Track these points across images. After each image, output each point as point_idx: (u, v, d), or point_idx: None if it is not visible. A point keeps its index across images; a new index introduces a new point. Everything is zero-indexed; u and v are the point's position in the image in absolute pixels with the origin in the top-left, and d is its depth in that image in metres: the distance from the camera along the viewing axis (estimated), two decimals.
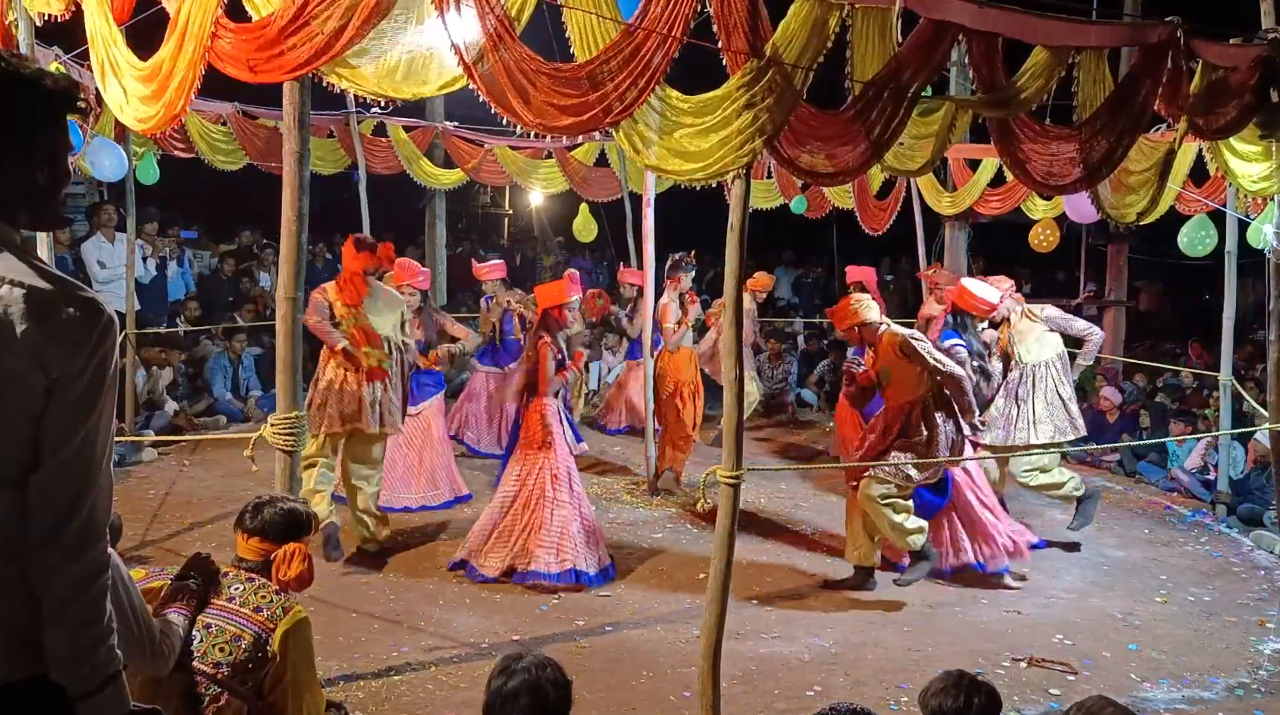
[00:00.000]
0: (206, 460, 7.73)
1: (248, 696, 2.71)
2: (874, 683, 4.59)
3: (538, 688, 2.28)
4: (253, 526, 2.92)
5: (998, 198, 8.60)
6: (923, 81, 4.06)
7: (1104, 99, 4.46)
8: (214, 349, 9.52)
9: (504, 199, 17.27)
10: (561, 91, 3.90)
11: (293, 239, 4.05)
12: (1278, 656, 5.02)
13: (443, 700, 4.21)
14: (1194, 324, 11.77)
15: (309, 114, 4.07)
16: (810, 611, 5.42)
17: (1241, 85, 4.68)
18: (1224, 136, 4.78)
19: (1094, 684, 4.61)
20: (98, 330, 1.70)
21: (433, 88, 4.12)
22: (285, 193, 4.02)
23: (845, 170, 4.27)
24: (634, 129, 4.01)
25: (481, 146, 10.16)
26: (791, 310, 14.28)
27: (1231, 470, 7.45)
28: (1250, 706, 4.50)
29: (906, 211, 9.26)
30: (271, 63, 3.89)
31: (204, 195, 11.59)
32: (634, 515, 6.95)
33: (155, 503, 6.75)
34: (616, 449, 8.63)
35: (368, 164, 9.58)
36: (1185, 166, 6.13)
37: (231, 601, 2.78)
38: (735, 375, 3.97)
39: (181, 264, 10.20)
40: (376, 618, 5.06)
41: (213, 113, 8.50)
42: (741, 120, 3.81)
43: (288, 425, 4.02)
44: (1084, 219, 7.77)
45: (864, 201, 9.26)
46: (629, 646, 4.88)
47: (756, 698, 4.40)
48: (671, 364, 7.36)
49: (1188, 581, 6.07)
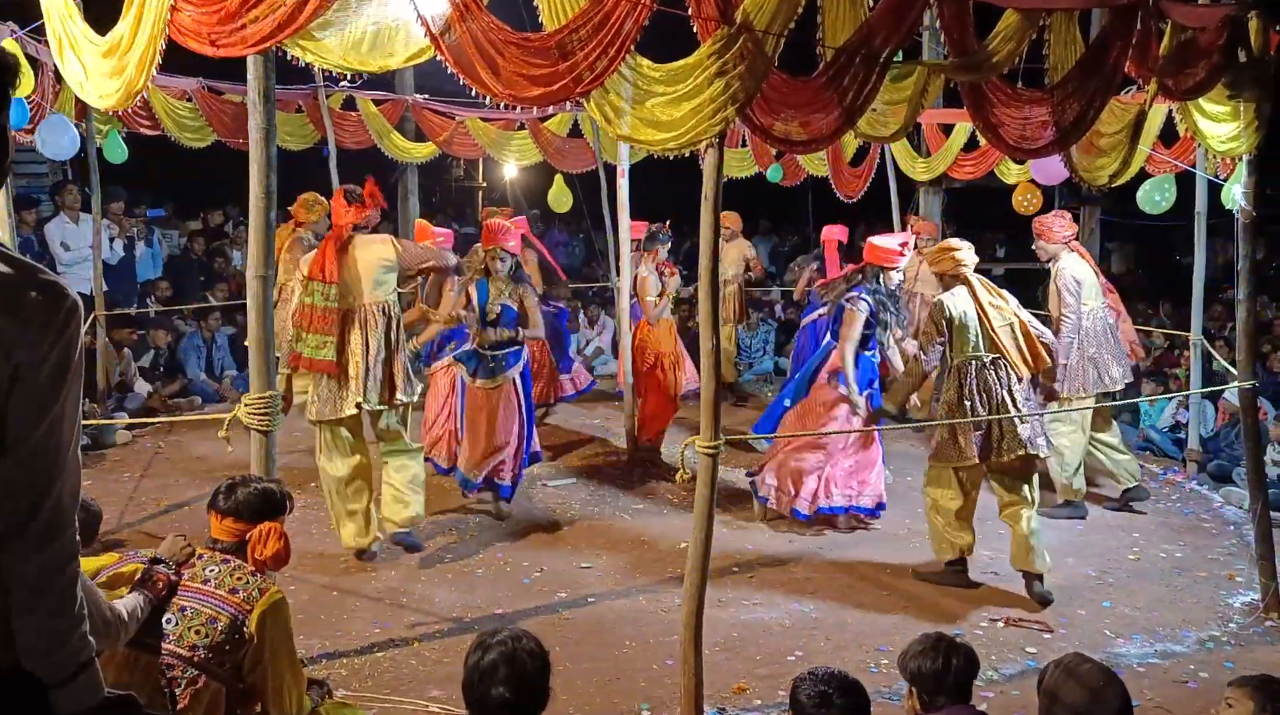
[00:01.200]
0: (182, 441, 7.67)
1: (226, 678, 2.70)
2: (854, 646, 4.65)
3: (514, 659, 2.29)
4: (226, 507, 2.90)
5: (971, 162, 8.60)
6: (895, 47, 4.03)
7: (1075, 61, 4.45)
8: (187, 329, 9.42)
9: (478, 172, 17.10)
10: (531, 62, 3.85)
11: (261, 216, 3.99)
12: (1247, 609, 5.13)
13: (426, 675, 4.23)
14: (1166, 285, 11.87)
15: (274, 89, 3.99)
16: (791, 577, 5.47)
17: (1210, 45, 4.69)
18: (1193, 97, 4.79)
19: (1069, 642, 4.69)
20: (62, 314, 1.67)
21: (399, 60, 4.05)
22: (252, 169, 3.96)
23: (819, 138, 4.25)
24: (605, 99, 3.97)
25: (453, 119, 10.04)
26: (769, 279, 14.28)
27: (1202, 428, 7.56)
28: (1220, 658, 4.60)
29: (881, 178, 9.26)
30: (233, 36, 3.81)
31: (172, 173, 11.42)
32: (615, 487, 6.95)
33: (130, 486, 6.70)
34: (597, 421, 8.63)
35: (337, 139, 9.45)
36: (1155, 128, 6.14)
37: (207, 584, 2.77)
38: (712, 345, 3.97)
39: (151, 244, 10.05)
40: (358, 595, 5.07)
41: (178, 89, 8.34)
42: (713, 88, 3.78)
43: (262, 405, 3.98)
44: (1051, 181, 7.78)
45: (838, 168, 9.24)
46: (612, 617, 4.91)
47: (739, 664, 4.45)
48: (651, 336, 7.35)
49: (1159, 539, 6.17)
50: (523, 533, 6.02)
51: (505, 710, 2.26)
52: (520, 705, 2.27)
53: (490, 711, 2.27)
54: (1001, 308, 5.11)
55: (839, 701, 2.52)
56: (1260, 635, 4.86)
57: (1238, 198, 5.11)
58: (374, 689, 4.13)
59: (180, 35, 3.90)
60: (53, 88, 6.41)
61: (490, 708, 2.27)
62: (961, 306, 5.11)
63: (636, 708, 4.06)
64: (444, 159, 11.80)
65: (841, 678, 2.58)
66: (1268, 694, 2.61)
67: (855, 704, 2.54)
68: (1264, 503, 5.22)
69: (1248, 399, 5.29)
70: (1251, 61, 4.86)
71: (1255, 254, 5.41)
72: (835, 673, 2.60)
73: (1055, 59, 4.46)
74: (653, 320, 7.29)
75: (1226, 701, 2.69)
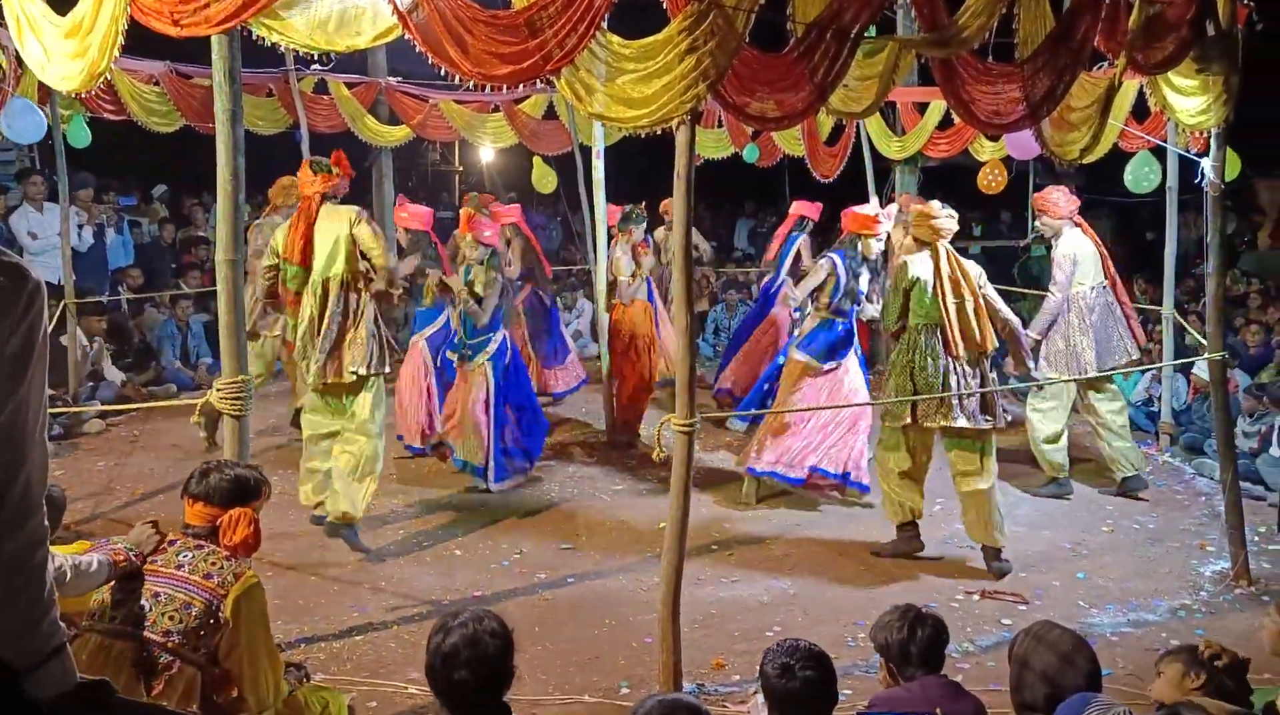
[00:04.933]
0: (157, 430, 7.60)
1: (201, 663, 2.69)
2: (831, 620, 4.69)
3: (476, 641, 2.29)
4: (198, 492, 2.88)
5: (946, 140, 8.63)
6: (865, 22, 4.02)
7: (1045, 36, 4.47)
8: (160, 317, 9.32)
9: (454, 155, 16.99)
10: (500, 39, 3.82)
11: (229, 200, 3.95)
12: (1217, 577, 5.20)
13: (404, 658, 4.23)
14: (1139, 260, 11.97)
15: (240, 69, 3.95)
16: (769, 553, 5.50)
17: (1178, 20, 4.71)
18: (1162, 71, 4.81)
19: (1044, 612, 4.74)
20: (24, 296, 1.64)
21: (367, 39, 4.00)
22: (219, 152, 3.92)
23: (791, 114, 4.24)
24: (576, 77, 3.94)
25: (427, 102, 9.96)
26: (748, 260, 14.30)
27: (1174, 401, 7.64)
28: (1191, 626, 4.67)
29: (857, 157, 9.26)
30: (196, 15, 3.76)
31: (141, 159, 11.27)
32: (594, 468, 6.97)
33: (104, 475, 6.64)
34: (574, 403, 8.63)
35: (310, 122, 9.35)
36: (1126, 103, 6.17)
37: (180, 569, 2.75)
38: (687, 324, 3.97)
39: (121, 231, 9.92)
40: (336, 579, 5.05)
41: (144, 73, 8.21)
42: (684, 65, 3.76)
43: (234, 390, 3.95)
44: (1025, 154, 7.81)
45: (814, 148, 9.24)
46: (591, 597, 4.92)
47: (717, 640, 4.48)
48: (626, 317, 7.34)
49: (1133, 510, 6.24)
50: (502, 515, 6.02)
51: (468, 692, 2.26)
52: (482, 687, 2.27)
53: (453, 694, 2.27)
54: (959, 283, 5.13)
55: (802, 673, 2.54)
56: (1230, 603, 4.93)
57: (1206, 171, 5.14)
58: (352, 672, 4.12)
59: (143, 15, 3.84)
60: (14, 71, 6.30)
61: (453, 691, 2.27)
62: (921, 272, 5.14)
63: (616, 686, 4.08)
64: (419, 142, 11.70)
65: (806, 649, 2.60)
66: (1189, 655, 2.69)
67: (819, 675, 2.56)
68: (1233, 474, 5.29)
69: (1218, 372, 5.35)
70: (1219, 35, 4.89)
71: (1225, 228, 5.45)
72: (800, 644, 2.62)
73: (1025, 33, 4.47)
74: (626, 300, 7.29)
75: (1158, 672, 2.77)
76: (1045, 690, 2.58)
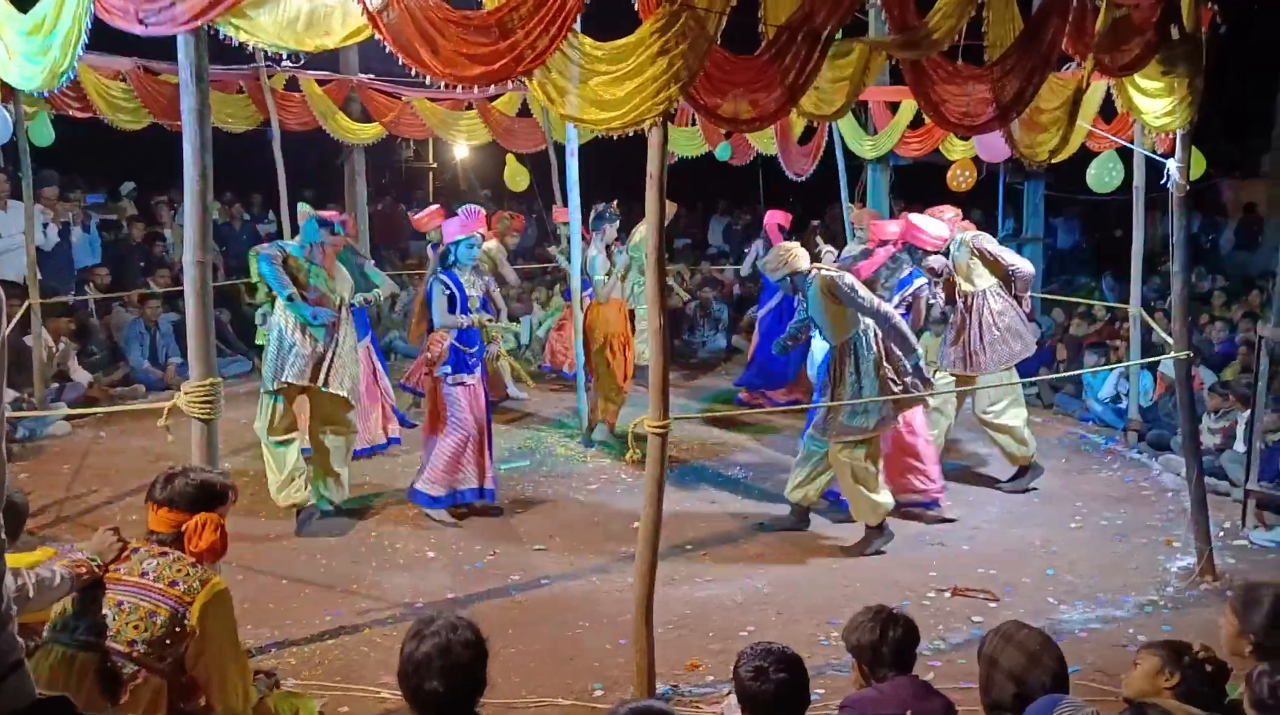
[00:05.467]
0: (124, 431, 7.50)
1: (167, 673, 2.66)
2: (806, 620, 4.71)
3: (449, 650, 2.27)
4: (163, 497, 2.84)
5: (917, 139, 8.68)
6: (836, 24, 4.03)
7: (1014, 38, 4.50)
8: (128, 317, 9.19)
9: (428, 152, 16.88)
10: (471, 40, 3.80)
11: (198, 200, 3.91)
12: (1183, 573, 5.28)
13: (377, 662, 4.20)
14: (1108, 258, 12.10)
15: (207, 68, 3.90)
16: (743, 553, 5.52)
17: (1144, 23, 4.76)
18: (1128, 73, 4.86)
19: (1014, 610, 4.80)
20: None
21: (336, 39, 3.96)
22: (186, 151, 3.87)
23: (764, 115, 4.25)
24: (548, 78, 3.92)
25: (400, 99, 9.88)
26: (722, 257, 14.32)
27: (1141, 398, 7.74)
28: (1159, 622, 4.74)
29: (830, 156, 9.30)
30: (162, 14, 3.72)
31: (110, 156, 11.12)
32: (569, 468, 6.96)
33: (69, 477, 6.55)
34: (550, 402, 8.62)
35: (281, 120, 9.23)
36: (1094, 104, 6.24)
37: (145, 577, 2.71)
38: (659, 324, 3.97)
39: (88, 230, 9.77)
40: (308, 582, 5.02)
41: (111, 69, 8.09)
42: (656, 67, 3.75)
43: (203, 392, 3.91)
44: (995, 157, 7.87)
45: (787, 147, 9.26)
46: (565, 598, 4.92)
47: (691, 640, 4.48)
48: (601, 316, 7.33)
49: (1101, 507, 6.32)
50: (475, 516, 5.99)
51: (438, 702, 2.25)
52: (453, 698, 2.26)
53: (424, 702, 2.26)
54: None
55: (776, 675, 2.55)
56: (1195, 598, 5.01)
57: (1171, 171, 5.21)
58: (324, 677, 4.09)
59: (107, 13, 3.79)
60: None
61: (423, 699, 2.26)
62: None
63: (590, 688, 4.08)
64: (393, 140, 11.60)
65: (779, 652, 2.62)
66: (1170, 652, 2.72)
67: (792, 677, 2.57)
68: (1198, 470, 5.37)
69: (1183, 369, 5.43)
70: (1184, 38, 4.95)
71: (1190, 227, 5.53)
72: (773, 647, 2.63)
73: (994, 36, 4.49)
74: (602, 298, 7.28)
75: (1135, 662, 2.79)
76: (1013, 689, 2.61)
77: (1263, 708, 2.47)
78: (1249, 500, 5.98)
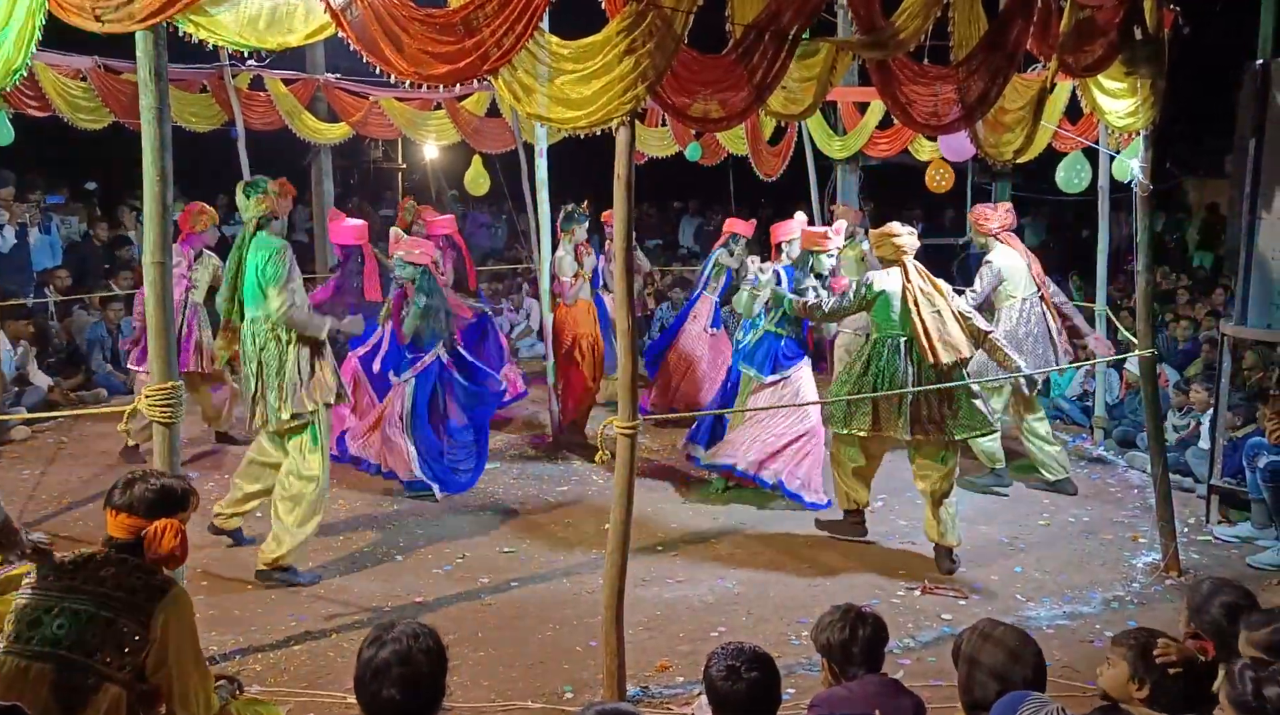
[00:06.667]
0: (85, 435, 7.38)
1: (126, 681, 2.60)
2: (775, 619, 4.71)
3: (409, 659, 2.23)
4: (121, 503, 2.77)
5: (886, 139, 8.74)
6: (803, 24, 4.04)
7: (979, 39, 4.53)
8: (89, 319, 9.03)
9: (397, 153, 16.74)
10: (436, 38, 3.76)
11: (157, 201, 3.82)
12: (1149, 568, 5.34)
13: (344, 668, 4.13)
14: (1075, 257, 12.23)
15: (165, 66, 3.81)
16: (714, 553, 5.51)
17: (1107, 23, 4.81)
18: (1092, 74, 4.91)
19: (983, 607, 4.83)
20: None
21: (299, 37, 3.90)
22: (145, 153, 3.78)
23: (731, 115, 4.24)
24: (514, 77, 3.89)
25: (367, 99, 9.79)
26: (694, 258, 14.33)
27: (1108, 396, 7.83)
28: (1125, 617, 4.78)
29: (799, 156, 9.33)
30: (119, 11, 3.63)
31: (69, 157, 10.94)
32: (539, 469, 6.92)
33: (30, 484, 6.42)
34: (519, 404, 8.56)
35: (246, 119, 9.13)
36: (1059, 105, 6.31)
37: (103, 585, 2.65)
38: (628, 325, 3.95)
39: (48, 231, 9.59)
40: (273, 587, 4.94)
41: (70, 68, 7.96)
42: (623, 66, 3.74)
43: (163, 395, 3.83)
44: (958, 156, 7.94)
45: (757, 147, 9.27)
46: (535, 601, 4.89)
47: (661, 641, 4.47)
48: (570, 317, 7.30)
49: (1068, 504, 6.38)
50: (443, 519, 5.94)
51: (395, 710, 2.20)
52: (411, 708, 2.22)
53: (380, 710, 2.21)
54: (932, 295, 5.20)
55: (747, 674, 2.54)
56: (1160, 593, 5.07)
57: (1134, 171, 5.27)
58: (290, 683, 4.03)
59: (61, 10, 3.70)
60: None
61: (380, 707, 2.21)
62: (888, 286, 5.23)
63: (560, 690, 4.05)
64: (361, 139, 11.50)
65: (750, 652, 2.60)
66: (1139, 651, 2.68)
67: (763, 677, 2.56)
68: (1163, 467, 5.43)
69: (1148, 367, 5.49)
70: (1146, 39, 5.01)
71: (1154, 227, 5.59)
72: (744, 647, 2.62)
73: (960, 36, 4.53)
74: (570, 301, 7.25)
75: (1108, 661, 2.76)
76: (996, 688, 2.57)
77: (1245, 708, 2.32)
78: (1212, 496, 6.07)
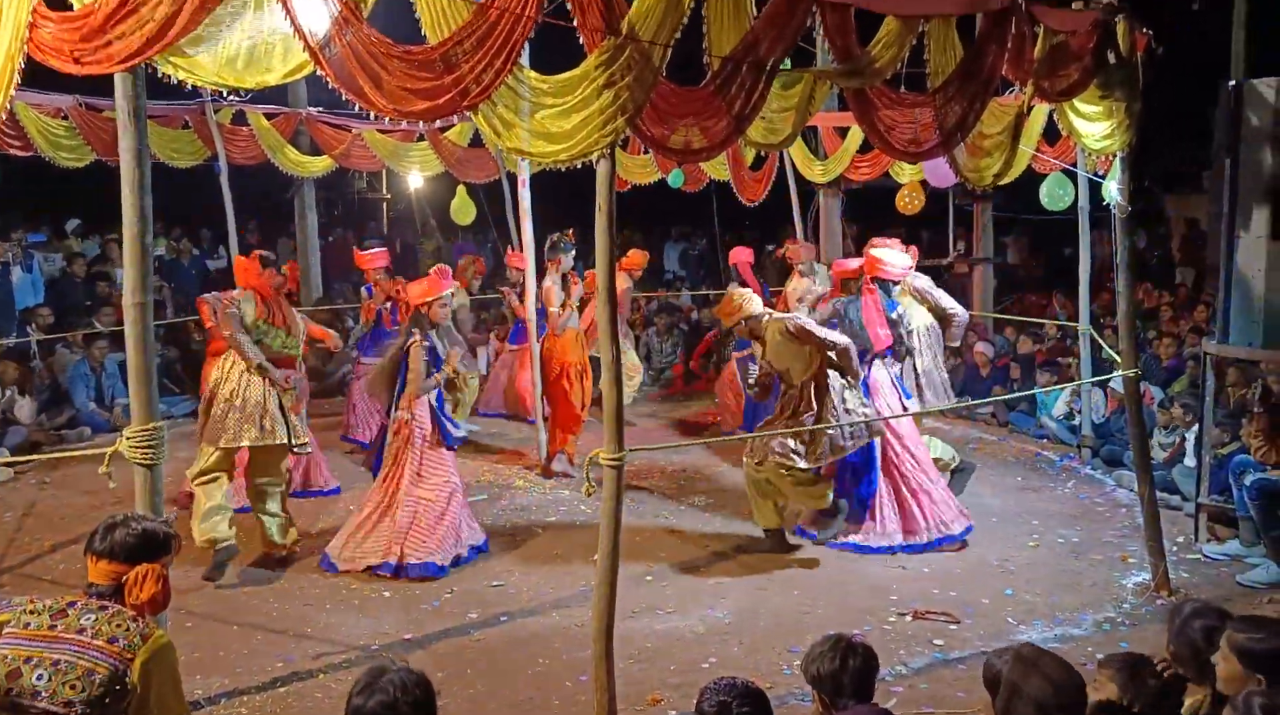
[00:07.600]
0: (69, 476, 7.29)
1: None
2: (766, 648, 4.68)
3: (395, 708, 2.21)
4: (102, 549, 2.73)
5: (867, 163, 8.80)
6: (780, 54, 4.08)
7: (955, 66, 4.58)
8: (72, 357, 8.96)
9: (381, 183, 16.77)
10: (415, 75, 3.78)
11: (136, 243, 3.80)
12: (1139, 589, 5.33)
13: (332, 708, 4.09)
14: (1058, 276, 12.32)
15: (145, 106, 3.81)
16: (704, 583, 5.48)
17: (1081, 49, 4.87)
18: (1068, 98, 4.97)
19: (974, 631, 4.81)
20: None
21: (277, 75, 3.92)
22: (124, 193, 3.78)
23: (711, 145, 4.28)
24: (494, 112, 3.92)
25: (349, 131, 9.83)
26: (677, 283, 14.37)
27: (1094, 415, 7.85)
28: (1117, 638, 4.77)
29: (781, 181, 9.39)
30: (98, 53, 3.64)
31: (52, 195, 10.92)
32: (528, 500, 6.89)
33: (12, 526, 6.34)
34: (508, 434, 8.54)
35: (228, 154, 9.16)
36: (1037, 128, 6.36)
37: (82, 633, 2.60)
38: (612, 356, 3.95)
39: (29, 269, 9.55)
40: (259, 628, 4.89)
41: (51, 106, 7.96)
42: (602, 100, 3.77)
43: (145, 437, 3.80)
44: (943, 183, 8.00)
45: (739, 173, 9.34)
46: (524, 635, 4.84)
47: (652, 674, 4.43)
48: (558, 346, 7.29)
49: (1057, 524, 6.37)
50: None
51: None
52: None
53: None
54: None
55: (739, 711, 2.52)
56: (1151, 614, 5.05)
57: (1113, 193, 5.32)
58: None
59: (40, 53, 3.71)
60: None
61: None
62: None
63: None
64: (345, 171, 11.54)
65: (743, 686, 2.58)
66: (1129, 673, 2.66)
67: (756, 713, 2.53)
68: (1150, 486, 5.44)
69: (1132, 386, 5.51)
70: (1120, 63, 5.07)
71: (1135, 246, 5.64)
72: (737, 682, 2.60)
73: (936, 64, 4.57)
74: (558, 330, 7.25)
75: (1096, 683, 2.74)
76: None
77: None
78: (1200, 514, 6.08)
